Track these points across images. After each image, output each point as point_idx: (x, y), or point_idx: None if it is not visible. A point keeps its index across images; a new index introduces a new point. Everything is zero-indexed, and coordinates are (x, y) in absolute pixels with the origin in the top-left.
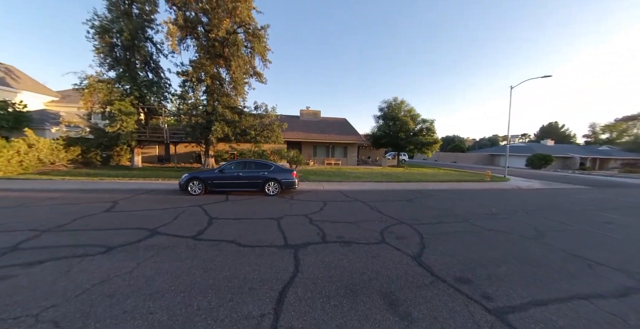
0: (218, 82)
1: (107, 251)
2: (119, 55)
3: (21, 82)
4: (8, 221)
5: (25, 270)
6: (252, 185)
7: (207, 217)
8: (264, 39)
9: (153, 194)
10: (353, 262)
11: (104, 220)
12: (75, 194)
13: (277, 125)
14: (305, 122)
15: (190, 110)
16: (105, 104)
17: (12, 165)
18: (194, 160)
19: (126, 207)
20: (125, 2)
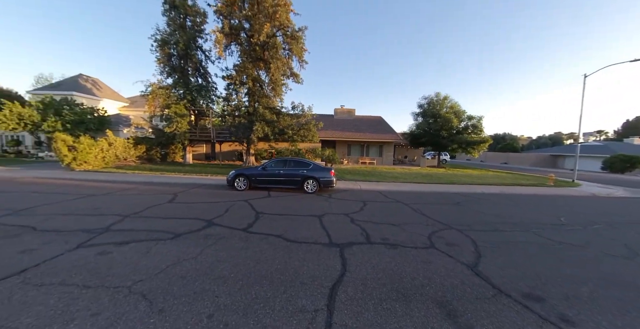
0: (258, 84)
1: (174, 237)
2: (175, 64)
3: (103, 91)
4: (100, 206)
5: (117, 248)
6: (291, 182)
7: (254, 212)
8: (302, 40)
9: (204, 188)
10: (402, 266)
11: (169, 209)
12: (144, 186)
13: (313, 125)
14: (340, 120)
15: (233, 111)
16: (164, 108)
17: (97, 160)
18: (236, 157)
19: (184, 199)
20: (181, 16)
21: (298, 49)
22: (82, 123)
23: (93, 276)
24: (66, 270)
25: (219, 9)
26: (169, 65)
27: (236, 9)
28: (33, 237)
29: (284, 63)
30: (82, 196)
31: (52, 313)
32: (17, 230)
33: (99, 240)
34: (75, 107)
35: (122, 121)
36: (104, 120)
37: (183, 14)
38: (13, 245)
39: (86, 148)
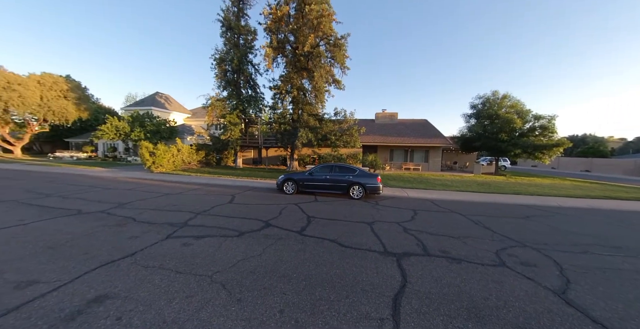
0: (302, 93)
1: (239, 235)
2: (229, 78)
3: (172, 105)
4: (177, 204)
5: (196, 241)
6: (337, 187)
7: (305, 215)
8: (344, 47)
9: (257, 191)
10: (469, 283)
11: (230, 209)
12: (207, 187)
13: (356, 130)
14: (381, 125)
15: (279, 118)
16: (220, 117)
17: (169, 164)
18: (280, 162)
19: (241, 200)
20: (235, 36)
21: (340, 56)
22: (158, 132)
23: (182, 263)
24: (162, 256)
25: (268, 26)
26: (225, 79)
27: (283, 24)
28: (135, 226)
29: (327, 71)
30: (162, 195)
31: (158, 290)
32: (123, 220)
33: (182, 233)
34: (153, 119)
35: (187, 130)
36: (174, 130)
37: (237, 33)
38: (123, 232)
39: (162, 153)
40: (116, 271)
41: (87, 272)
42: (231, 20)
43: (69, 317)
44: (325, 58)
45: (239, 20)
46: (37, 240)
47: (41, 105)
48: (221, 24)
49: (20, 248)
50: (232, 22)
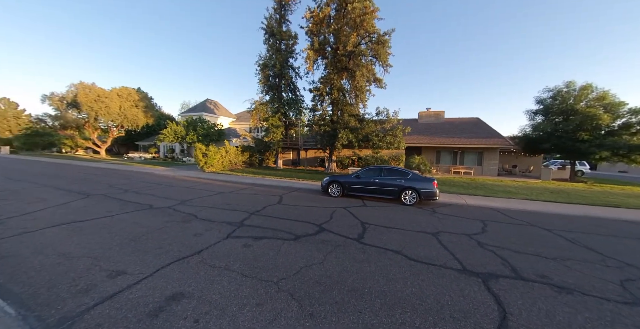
0: (342, 93)
1: (295, 239)
2: (271, 83)
3: (220, 110)
4: (230, 203)
5: (255, 243)
6: (387, 192)
7: (358, 221)
8: (388, 44)
9: (301, 192)
10: (598, 325)
11: (281, 210)
12: (254, 187)
13: (400, 130)
14: (426, 124)
15: (319, 120)
16: (263, 120)
17: (219, 164)
18: (318, 164)
19: (289, 202)
20: (277, 42)
21: (383, 53)
22: (208, 135)
23: (246, 266)
24: (226, 257)
25: (310, 29)
26: (267, 84)
27: (324, 26)
28: (198, 224)
29: (368, 69)
30: (217, 193)
31: (228, 294)
32: (187, 216)
33: (240, 233)
34: (204, 124)
35: (232, 133)
36: (221, 133)
37: (279, 39)
38: (188, 229)
39: (213, 155)
40: (187, 269)
41: (163, 267)
42: (273, 27)
43: (153, 313)
44: (367, 57)
45: (280, 26)
46: (121, 232)
47: (119, 113)
48: (264, 31)
49: (109, 238)
50: (275, 29)
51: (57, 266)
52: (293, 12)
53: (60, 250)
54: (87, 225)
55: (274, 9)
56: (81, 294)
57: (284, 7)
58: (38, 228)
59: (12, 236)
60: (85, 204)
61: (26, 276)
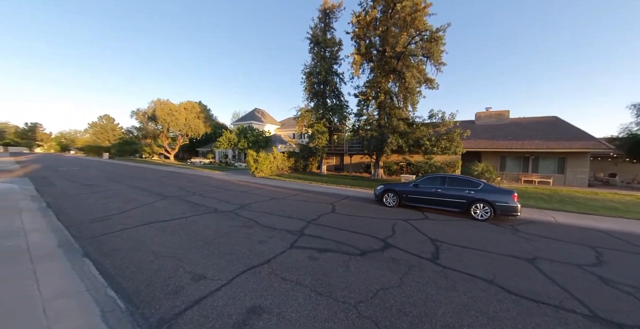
0: (389, 96)
1: (362, 254)
2: (316, 90)
3: (266, 118)
4: (285, 209)
5: (321, 255)
6: (452, 204)
7: (426, 237)
8: (442, 41)
9: (352, 200)
10: None
11: (337, 220)
12: (304, 193)
13: (457, 134)
14: (485, 126)
15: (365, 125)
16: (308, 127)
17: (267, 169)
18: (363, 169)
19: (343, 210)
20: (322, 50)
21: (436, 51)
22: (256, 142)
23: (317, 282)
24: (294, 269)
25: (356, 33)
26: (312, 91)
27: (371, 29)
28: (260, 230)
29: (419, 70)
30: (271, 199)
31: (306, 313)
32: (248, 222)
33: (303, 243)
34: (253, 131)
35: (277, 139)
36: (268, 140)
37: (323, 47)
38: (252, 235)
39: (262, 160)
40: (260, 280)
41: (237, 275)
42: (318, 35)
43: (237, 326)
44: (417, 57)
45: (325, 34)
46: (195, 234)
47: (185, 124)
48: (309, 40)
49: (187, 239)
50: (319, 37)
51: (151, 264)
52: (338, 19)
53: (152, 248)
54: (169, 225)
55: (319, 18)
56: (172, 296)
57: (329, 16)
58: (133, 225)
59: (116, 232)
60: (164, 205)
61: (129, 271)
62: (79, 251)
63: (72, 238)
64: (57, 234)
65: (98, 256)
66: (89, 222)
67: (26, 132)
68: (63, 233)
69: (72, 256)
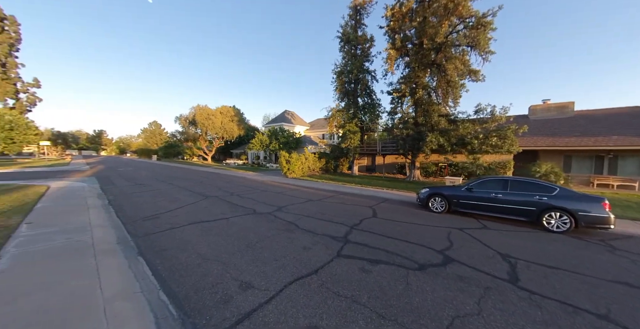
0: (427, 92)
1: (420, 269)
2: (347, 89)
3: (296, 120)
4: (324, 212)
5: (373, 267)
6: (517, 212)
7: (493, 251)
8: (490, 26)
9: (392, 203)
10: None
11: (381, 226)
12: (339, 195)
13: (512, 130)
14: (542, 121)
15: (400, 123)
16: (340, 127)
17: (299, 170)
18: (396, 170)
19: (385, 215)
20: (352, 47)
21: (484, 38)
22: (287, 143)
23: (376, 301)
24: (347, 282)
25: (391, 27)
26: (343, 91)
27: (406, 21)
28: (301, 235)
29: (462, 61)
30: (307, 201)
31: None
32: (289, 225)
33: (350, 251)
34: (284, 132)
35: (307, 140)
36: (299, 141)
37: (354, 45)
38: (295, 240)
39: (294, 161)
40: (311, 293)
41: (286, 286)
42: (349, 33)
43: None
44: (460, 47)
45: (356, 31)
46: (237, 236)
47: (221, 127)
48: (339, 39)
49: (230, 242)
50: (350, 35)
51: (198, 267)
52: (369, 15)
53: (198, 250)
54: (212, 226)
55: (349, 16)
56: (222, 306)
57: (359, 12)
58: (180, 225)
59: (164, 231)
60: (206, 205)
61: (178, 274)
62: (134, 249)
63: (128, 236)
64: (117, 231)
65: (150, 255)
66: (142, 220)
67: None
68: (121, 230)
69: (129, 254)
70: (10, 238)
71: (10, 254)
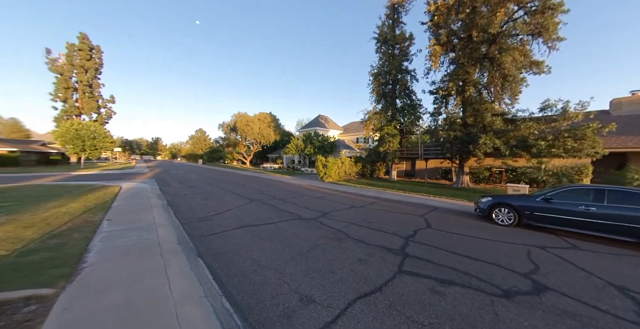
0: (476, 90)
1: (507, 296)
2: (384, 90)
3: (329, 124)
4: (371, 220)
5: (446, 289)
6: (621, 230)
7: (601, 281)
8: (562, 8)
9: (444, 213)
10: None
11: (440, 238)
12: (382, 202)
13: (593, 129)
14: (632, 117)
15: (445, 125)
16: (377, 130)
17: (336, 175)
18: (440, 176)
19: (440, 226)
20: (390, 47)
21: (552, 23)
22: (322, 147)
23: None
24: (420, 306)
25: (435, 22)
26: (380, 92)
27: (453, 14)
28: (353, 245)
29: (522, 52)
30: (350, 207)
31: None
32: (338, 233)
33: (412, 267)
34: (318, 137)
35: (341, 144)
36: (333, 145)
37: (392, 44)
38: (348, 251)
39: (331, 166)
40: (380, 315)
41: (350, 303)
42: (386, 33)
43: None
44: (516, 37)
45: (393, 31)
46: (288, 243)
47: (259, 133)
48: (376, 40)
49: (281, 248)
50: (387, 35)
51: (254, 274)
52: (408, 12)
53: (252, 255)
54: (261, 231)
55: (386, 16)
56: (286, 321)
57: (397, 11)
58: (231, 227)
59: (218, 233)
60: (252, 208)
61: (237, 280)
62: (193, 250)
63: (187, 236)
64: (176, 230)
65: (209, 258)
66: (196, 221)
67: (152, 144)
68: (180, 230)
69: (190, 256)
70: (96, 233)
71: (97, 248)
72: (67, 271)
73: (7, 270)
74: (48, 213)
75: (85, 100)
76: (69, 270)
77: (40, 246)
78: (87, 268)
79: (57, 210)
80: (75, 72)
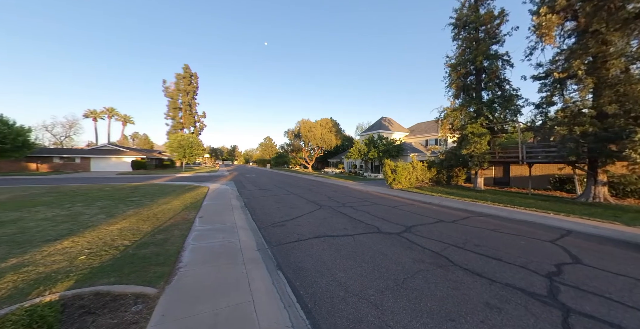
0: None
1: None
2: (466, 82)
3: (393, 126)
4: (475, 242)
5: None
6: None
7: None
8: None
9: (588, 241)
10: None
11: (608, 283)
12: (478, 217)
13: None
14: None
15: (564, 117)
16: (457, 129)
17: (406, 181)
18: (552, 186)
19: (597, 263)
20: (472, 31)
21: None
22: (387, 151)
23: None
24: None
25: None
26: (460, 85)
27: None
28: (465, 277)
29: None
30: (438, 221)
31: None
32: (436, 257)
33: None
34: (382, 140)
35: (408, 147)
36: (400, 148)
37: (475, 27)
38: (461, 286)
39: (401, 171)
40: None
41: None
42: (467, 15)
43: None
44: None
45: (477, 10)
46: (375, 264)
47: (321, 138)
48: (453, 26)
49: (369, 272)
50: (469, 18)
51: (344, 303)
52: None
53: (336, 276)
54: (338, 244)
55: None
56: None
57: None
58: (306, 237)
59: (294, 242)
60: (323, 215)
61: (325, 311)
62: (272, 260)
63: (264, 243)
64: (254, 234)
65: (289, 273)
66: (272, 226)
67: (231, 151)
68: (257, 234)
69: (269, 266)
70: (190, 231)
71: (190, 247)
72: (167, 270)
73: (127, 262)
74: (159, 209)
75: (186, 116)
76: (168, 269)
77: (151, 240)
78: (182, 268)
79: (164, 206)
80: (180, 95)
